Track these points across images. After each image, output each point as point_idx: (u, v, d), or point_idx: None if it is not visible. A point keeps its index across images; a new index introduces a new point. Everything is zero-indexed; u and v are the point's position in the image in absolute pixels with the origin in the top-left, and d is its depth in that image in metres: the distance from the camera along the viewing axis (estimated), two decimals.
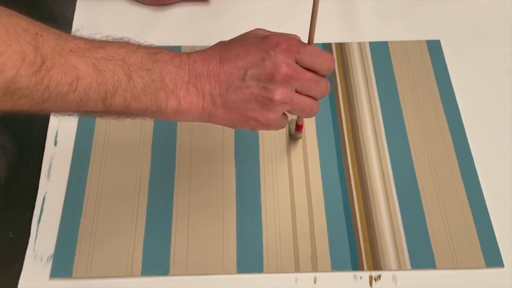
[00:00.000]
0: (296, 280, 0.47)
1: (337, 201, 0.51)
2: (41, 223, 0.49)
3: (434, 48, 0.61)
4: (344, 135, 0.55)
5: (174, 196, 0.51)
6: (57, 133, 0.54)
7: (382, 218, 0.50)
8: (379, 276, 0.47)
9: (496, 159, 0.53)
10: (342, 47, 0.61)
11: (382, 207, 0.50)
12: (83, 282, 0.46)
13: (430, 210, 0.50)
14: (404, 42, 0.62)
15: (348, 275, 0.47)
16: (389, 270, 0.47)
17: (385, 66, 0.60)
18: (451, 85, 0.58)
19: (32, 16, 0.31)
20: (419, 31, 0.63)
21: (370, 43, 0.62)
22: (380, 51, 0.61)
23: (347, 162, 0.53)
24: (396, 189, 0.51)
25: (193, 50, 0.39)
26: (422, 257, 0.48)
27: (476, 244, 0.48)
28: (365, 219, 0.50)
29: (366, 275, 0.47)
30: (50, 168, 0.52)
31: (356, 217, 0.50)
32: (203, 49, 0.38)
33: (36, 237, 0.49)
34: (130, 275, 0.47)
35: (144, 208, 0.50)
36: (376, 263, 0.47)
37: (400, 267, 0.47)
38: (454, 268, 0.47)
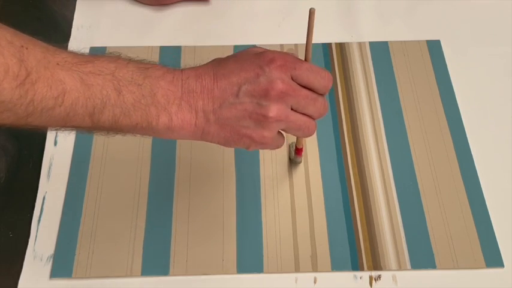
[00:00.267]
0: (296, 280, 0.47)
1: (337, 201, 0.51)
2: (41, 223, 0.49)
3: (434, 48, 0.61)
4: (344, 135, 0.55)
5: (174, 196, 0.51)
6: (57, 133, 0.54)
7: (382, 218, 0.50)
8: (379, 276, 0.47)
9: (496, 159, 0.53)
10: (342, 47, 0.61)
11: (382, 207, 0.50)
12: (82, 282, 0.46)
13: (430, 210, 0.50)
14: (404, 42, 0.62)
15: (348, 275, 0.47)
16: (389, 270, 0.47)
17: (385, 66, 0.60)
18: (451, 85, 0.58)
19: (32, 16, 0.31)
20: (419, 31, 0.63)
21: (370, 43, 0.62)
22: (380, 51, 0.61)
23: (347, 162, 0.53)
24: (396, 189, 0.51)
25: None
26: (422, 257, 0.48)
27: (476, 244, 0.48)
28: (365, 219, 0.50)
29: (366, 275, 0.47)
30: (50, 168, 0.52)
31: (356, 217, 0.50)
32: (197, 65, 0.37)
33: (36, 237, 0.49)
34: (130, 275, 0.47)
35: (144, 208, 0.50)
36: (376, 263, 0.47)
37: (400, 267, 0.47)
38: (454, 268, 0.47)
